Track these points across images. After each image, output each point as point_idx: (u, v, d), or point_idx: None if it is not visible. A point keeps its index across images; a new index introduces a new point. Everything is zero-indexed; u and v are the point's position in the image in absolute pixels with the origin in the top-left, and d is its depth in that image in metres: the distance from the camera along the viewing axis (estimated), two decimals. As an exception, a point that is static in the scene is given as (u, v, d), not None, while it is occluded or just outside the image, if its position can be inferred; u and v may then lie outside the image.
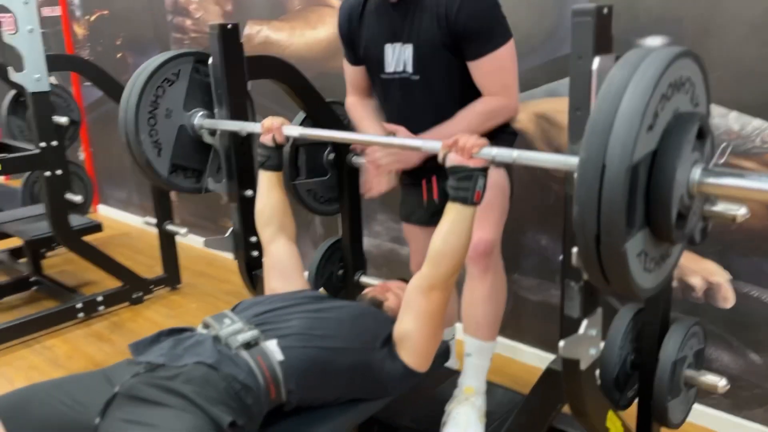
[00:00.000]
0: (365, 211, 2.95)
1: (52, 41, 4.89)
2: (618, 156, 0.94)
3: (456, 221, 1.47)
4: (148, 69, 1.97)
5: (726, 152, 1.17)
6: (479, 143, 1.40)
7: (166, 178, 2.04)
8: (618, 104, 0.96)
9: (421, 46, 1.71)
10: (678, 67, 1.02)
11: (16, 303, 3.37)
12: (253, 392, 1.39)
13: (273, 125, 1.79)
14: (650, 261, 1.10)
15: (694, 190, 1.06)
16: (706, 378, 1.75)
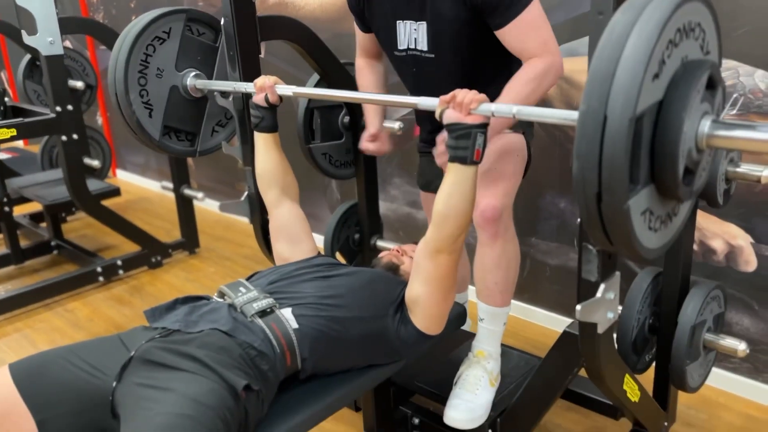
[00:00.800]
0: (381, 175, 2.93)
1: (67, 4, 4.87)
2: (620, 106, 0.87)
3: (457, 182, 1.43)
4: (137, 26, 1.90)
5: (738, 103, 1.09)
6: (477, 98, 1.35)
7: (158, 140, 1.98)
8: (621, 51, 0.89)
9: (436, 23, 1.66)
10: (687, 10, 0.95)
11: (38, 267, 3.42)
12: (268, 358, 1.40)
13: (265, 84, 1.75)
14: (656, 220, 1.04)
15: (703, 143, 0.99)
16: (725, 342, 1.73)
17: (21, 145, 5.56)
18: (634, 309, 1.76)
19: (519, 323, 2.59)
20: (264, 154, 1.85)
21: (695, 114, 0.96)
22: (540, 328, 2.54)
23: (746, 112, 1.83)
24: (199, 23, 2.03)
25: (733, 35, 1.80)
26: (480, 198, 1.66)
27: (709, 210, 1.95)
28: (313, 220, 3.45)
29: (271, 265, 1.90)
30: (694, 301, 1.69)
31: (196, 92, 2.02)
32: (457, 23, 1.64)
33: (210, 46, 2.06)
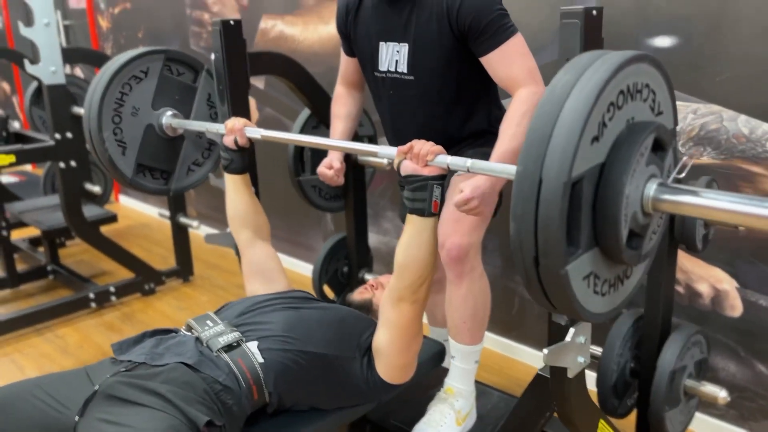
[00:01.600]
0: (374, 208, 2.95)
1: (79, 33, 4.98)
2: (555, 169, 0.85)
3: (415, 233, 1.42)
4: (114, 65, 1.92)
5: (687, 168, 1.04)
6: (434, 150, 1.35)
7: (131, 178, 1.99)
8: (558, 112, 0.87)
9: (417, 45, 1.68)
10: (631, 72, 0.93)
11: (33, 291, 3.43)
12: (234, 393, 1.39)
13: (235, 127, 1.76)
14: (603, 284, 1.00)
15: (649, 206, 0.96)
16: (706, 388, 1.71)
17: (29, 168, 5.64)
18: (614, 352, 1.74)
19: (506, 361, 2.57)
20: (234, 195, 1.86)
21: (640, 177, 0.94)
22: (527, 367, 2.51)
23: (730, 157, 1.83)
24: (179, 63, 2.05)
25: (716, 80, 1.81)
26: (445, 237, 1.66)
27: (693, 254, 1.94)
28: (307, 251, 3.47)
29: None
30: (674, 346, 1.68)
31: (171, 131, 2.03)
32: (439, 47, 1.65)
33: (188, 86, 2.08)
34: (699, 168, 1.88)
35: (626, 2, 1.94)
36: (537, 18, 2.17)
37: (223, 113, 1.97)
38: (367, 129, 2.46)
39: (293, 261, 3.53)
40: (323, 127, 2.37)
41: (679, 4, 1.84)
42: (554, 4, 2.12)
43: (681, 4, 1.84)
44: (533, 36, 2.18)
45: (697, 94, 1.86)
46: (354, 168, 2.37)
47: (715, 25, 1.79)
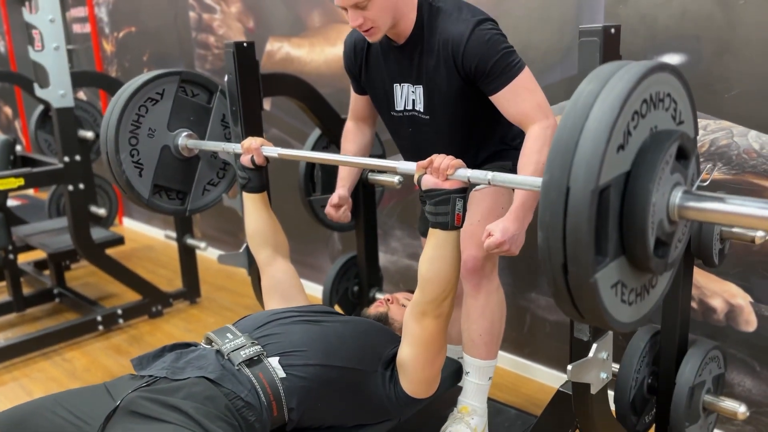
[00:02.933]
0: (383, 227, 2.95)
1: (83, 57, 5.01)
2: (583, 177, 0.85)
3: (438, 247, 1.43)
4: (131, 88, 1.94)
5: (711, 175, 1.04)
6: (454, 164, 1.37)
7: (147, 199, 2.00)
8: (584, 121, 0.87)
9: (430, 88, 1.71)
10: (654, 81, 0.94)
11: (39, 315, 3.42)
12: (255, 410, 1.39)
13: (251, 146, 1.78)
14: (630, 293, 1.00)
15: (675, 214, 0.97)
16: (725, 404, 1.70)
17: (31, 192, 5.64)
18: (632, 368, 1.74)
19: (518, 379, 2.56)
20: (253, 214, 1.87)
21: (665, 185, 0.95)
22: (539, 385, 2.50)
23: (741, 172, 1.85)
24: (193, 84, 2.07)
25: (726, 96, 1.84)
26: (463, 249, 1.67)
27: (708, 269, 1.95)
28: (314, 271, 3.47)
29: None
30: (693, 362, 1.67)
31: (187, 152, 2.04)
32: (449, 89, 1.68)
33: (203, 107, 2.09)
34: (711, 183, 1.89)
35: (634, 21, 1.96)
36: (545, 38, 2.19)
37: (237, 134, 1.99)
38: (376, 149, 2.47)
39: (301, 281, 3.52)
40: (333, 147, 2.39)
41: (688, 23, 1.87)
42: (562, 25, 2.15)
43: (689, 23, 1.86)
44: (541, 57, 2.21)
45: (707, 110, 1.88)
46: (364, 187, 2.38)
47: (724, 43, 1.81)
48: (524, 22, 2.23)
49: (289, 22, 3.17)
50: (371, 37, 1.67)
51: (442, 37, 1.64)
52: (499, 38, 1.61)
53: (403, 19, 1.67)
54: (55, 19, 2.73)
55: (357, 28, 1.64)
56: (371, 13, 1.60)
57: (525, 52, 2.23)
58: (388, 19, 1.64)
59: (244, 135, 1.97)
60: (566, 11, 2.13)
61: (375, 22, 1.62)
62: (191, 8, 3.80)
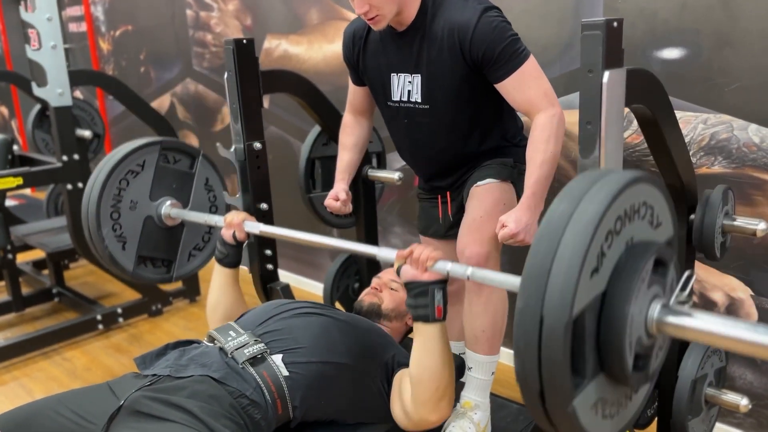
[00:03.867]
0: (382, 223, 2.95)
1: (79, 56, 5.00)
2: (556, 309, 0.83)
3: (424, 341, 1.41)
4: (110, 163, 1.91)
5: (690, 283, 1.01)
6: (433, 255, 1.36)
7: (132, 271, 1.98)
8: (556, 247, 0.85)
9: (430, 76, 1.71)
10: (627, 196, 0.91)
11: (38, 314, 3.41)
12: (261, 408, 1.39)
13: (234, 221, 1.77)
14: (611, 406, 0.97)
15: (654, 329, 0.94)
16: (727, 397, 1.71)
17: (28, 192, 5.63)
18: (634, 362, 1.74)
19: (520, 375, 2.56)
20: (222, 290, 1.85)
21: (642, 301, 0.92)
22: (541, 381, 2.50)
23: (741, 165, 1.85)
24: (175, 151, 2.05)
25: (726, 91, 1.84)
26: (465, 246, 1.67)
27: (708, 262, 1.95)
28: (314, 268, 3.46)
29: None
30: (694, 355, 1.68)
31: (171, 221, 2.02)
32: (452, 77, 1.68)
33: (185, 173, 2.08)
34: (711, 177, 1.90)
35: (633, 15, 1.96)
36: (544, 33, 2.19)
37: (237, 131, 1.98)
38: (376, 146, 2.47)
39: (300, 279, 3.53)
40: (333, 144, 2.38)
41: (687, 17, 1.87)
42: (561, 19, 2.15)
43: (689, 17, 1.87)
44: (541, 51, 2.20)
45: (706, 104, 1.88)
46: (364, 183, 2.37)
47: (724, 36, 1.81)
48: (524, 17, 2.23)
49: (287, 19, 3.17)
50: (376, 25, 1.67)
51: (448, 24, 1.63)
52: (505, 26, 1.62)
53: (407, 7, 1.67)
54: (52, 18, 2.72)
55: (363, 15, 1.64)
56: (377, 1, 1.60)
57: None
58: (394, 6, 1.64)
59: (244, 133, 1.97)
60: (565, 6, 2.13)
61: (381, 9, 1.62)
62: (188, 6, 3.79)
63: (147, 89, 4.36)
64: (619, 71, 1.19)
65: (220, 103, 3.79)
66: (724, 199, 1.61)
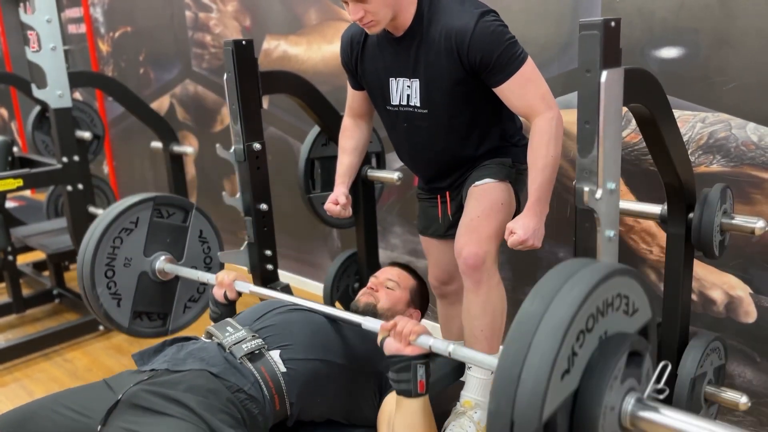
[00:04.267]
0: (382, 223, 2.95)
1: (78, 58, 5.00)
2: (526, 416, 0.83)
3: (407, 417, 1.40)
4: (103, 223, 1.92)
5: (666, 374, 0.98)
6: (417, 330, 1.37)
7: (128, 327, 1.99)
8: (526, 352, 0.85)
9: (428, 81, 1.71)
10: (600, 293, 0.91)
11: (39, 315, 3.41)
12: (258, 403, 1.40)
13: (224, 281, 1.78)
14: None
15: (628, 423, 0.93)
16: (726, 395, 1.71)
17: (28, 194, 5.63)
18: (633, 361, 1.74)
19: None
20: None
21: (616, 396, 0.92)
22: (541, 380, 2.51)
23: (740, 164, 1.85)
24: (168, 206, 2.07)
25: (724, 89, 1.84)
26: (462, 246, 1.68)
27: (707, 260, 1.96)
28: (314, 268, 3.47)
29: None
30: (694, 353, 1.68)
31: (165, 276, 2.04)
32: (450, 81, 1.68)
33: (179, 227, 2.09)
34: (709, 176, 1.90)
35: (631, 14, 1.97)
36: (542, 33, 2.20)
37: (236, 132, 1.99)
38: (375, 146, 2.48)
39: (300, 279, 3.53)
40: (332, 144, 2.39)
41: (685, 16, 1.87)
42: (559, 19, 2.15)
43: (687, 16, 1.87)
44: (539, 51, 2.21)
45: (705, 103, 1.89)
46: (363, 184, 2.38)
47: (722, 35, 1.82)
48: (522, 17, 2.24)
49: (286, 20, 3.17)
50: (371, 30, 1.68)
51: (445, 29, 1.64)
52: (502, 29, 1.62)
53: (403, 12, 1.67)
54: (51, 20, 2.72)
55: (358, 21, 1.64)
56: (372, 6, 1.61)
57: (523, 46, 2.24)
58: (389, 11, 1.64)
59: (244, 133, 1.98)
60: (563, 5, 2.13)
61: (376, 15, 1.63)
62: (187, 7, 3.80)
63: (146, 90, 4.36)
64: (617, 71, 1.20)
65: (220, 104, 3.79)
66: (722, 198, 1.62)
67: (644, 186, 2.05)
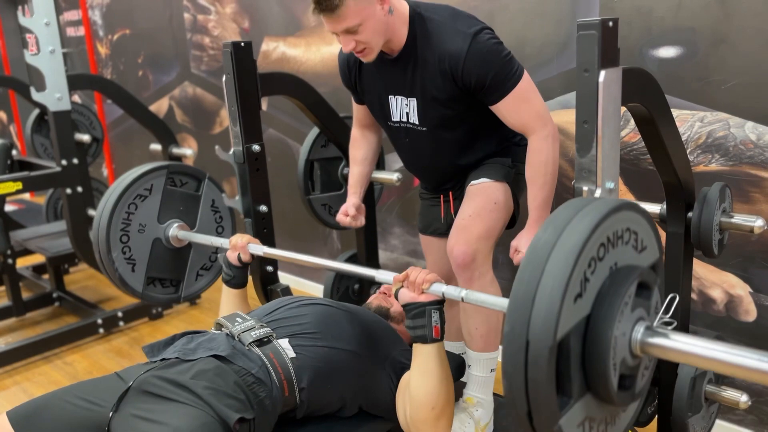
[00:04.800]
0: (382, 224, 2.96)
1: (77, 60, 5.00)
2: (540, 334, 0.87)
3: (423, 362, 1.43)
4: (119, 188, 1.96)
5: (674, 305, 1.06)
6: (429, 279, 1.39)
7: (141, 292, 2.03)
8: (540, 276, 0.89)
9: (426, 100, 1.72)
10: (610, 224, 0.95)
11: (39, 319, 3.42)
12: (266, 386, 1.42)
13: (238, 244, 1.80)
14: (599, 424, 1.00)
15: (638, 350, 0.97)
16: (727, 394, 1.71)
17: (27, 197, 5.63)
18: (634, 360, 1.75)
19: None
20: (229, 310, 1.87)
21: (626, 323, 0.96)
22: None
23: (738, 163, 1.86)
24: (181, 174, 2.10)
25: (723, 88, 1.84)
26: (452, 245, 1.70)
27: (707, 259, 1.96)
28: (313, 270, 3.47)
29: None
30: (694, 352, 1.68)
31: (178, 242, 2.07)
32: (448, 101, 1.69)
33: (192, 195, 2.12)
34: (708, 175, 1.90)
35: (630, 13, 1.97)
36: (541, 33, 2.20)
37: (236, 134, 1.99)
38: (374, 146, 2.48)
39: (300, 280, 3.53)
40: (332, 146, 2.39)
41: (684, 15, 1.88)
42: (558, 19, 2.15)
43: (685, 15, 1.87)
44: (537, 51, 2.21)
45: (703, 102, 1.89)
46: (363, 185, 2.38)
47: (720, 34, 1.82)
48: (520, 17, 2.24)
49: (285, 21, 3.18)
50: (365, 58, 1.68)
51: (439, 50, 1.63)
52: (497, 48, 1.61)
53: (395, 35, 1.67)
54: (50, 23, 2.72)
55: (351, 51, 1.64)
56: (363, 36, 1.61)
57: (521, 46, 2.24)
58: (380, 38, 1.64)
59: (243, 135, 1.98)
60: (562, 5, 2.13)
61: (368, 43, 1.63)
62: (186, 9, 3.80)
63: (145, 93, 4.36)
64: (615, 70, 1.20)
65: (219, 106, 3.79)
66: (721, 197, 1.62)
67: (643, 185, 2.06)
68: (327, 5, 1.53)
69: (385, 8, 1.61)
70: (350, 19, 1.55)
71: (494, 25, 2.29)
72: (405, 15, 1.67)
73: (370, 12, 1.57)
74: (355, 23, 1.57)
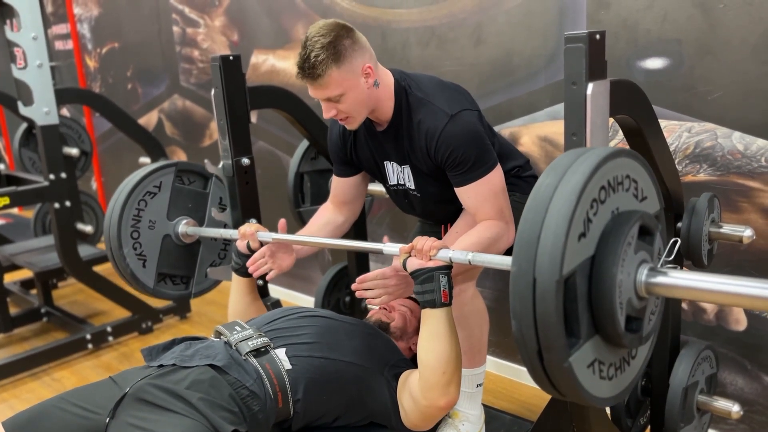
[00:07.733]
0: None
1: (66, 74, 4.98)
2: (547, 269, 0.90)
3: (432, 326, 1.44)
4: (129, 185, 2.00)
5: (675, 249, 1.10)
6: (436, 245, 1.40)
7: (153, 288, 2.05)
8: (544, 215, 0.93)
9: (417, 170, 1.73)
10: (610, 168, 0.99)
11: (27, 335, 3.38)
12: (259, 399, 1.42)
13: (247, 232, 1.81)
14: (608, 368, 1.03)
15: (643, 291, 1.01)
16: (719, 403, 1.72)
17: (15, 211, 5.59)
18: (625, 371, 1.75)
19: (512, 385, 2.56)
20: (240, 298, 1.91)
21: (630, 265, 0.99)
22: (533, 390, 2.50)
23: (726, 173, 1.87)
24: (189, 173, 2.13)
25: (709, 99, 1.86)
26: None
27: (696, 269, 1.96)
28: (305, 282, 3.46)
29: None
30: (685, 362, 1.69)
31: (188, 239, 2.09)
32: (437, 172, 1.70)
33: (200, 193, 2.14)
34: (696, 185, 1.91)
35: (616, 26, 1.99)
36: (528, 45, 2.21)
37: (225, 147, 1.99)
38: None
39: (291, 293, 3.51)
40: (321, 158, 2.39)
41: (669, 27, 1.89)
42: (545, 31, 2.17)
43: (670, 27, 1.89)
44: (525, 63, 2.23)
45: (690, 112, 1.90)
46: (353, 197, 2.37)
47: (705, 45, 1.84)
48: (508, 29, 2.25)
49: (274, 34, 3.18)
50: (349, 126, 1.69)
51: (421, 126, 1.64)
52: (474, 130, 1.60)
53: (380, 107, 1.68)
54: (37, 37, 2.72)
55: (331, 117, 1.65)
56: (344, 106, 1.61)
57: (509, 58, 2.25)
58: (362, 109, 1.64)
59: (232, 148, 1.97)
60: (549, 18, 2.15)
61: (349, 113, 1.63)
62: (175, 22, 3.80)
63: (134, 106, 4.35)
64: (602, 83, 1.21)
65: (208, 119, 3.79)
66: (710, 207, 1.63)
67: (632, 196, 2.06)
68: (310, 73, 1.56)
69: (370, 81, 1.61)
70: (332, 88, 1.57)
71: (482, 37, 2.31)
72: (391, 88, 1.67)
73: (353, 83, 1.58)
74: (337, 93, 1.58)
